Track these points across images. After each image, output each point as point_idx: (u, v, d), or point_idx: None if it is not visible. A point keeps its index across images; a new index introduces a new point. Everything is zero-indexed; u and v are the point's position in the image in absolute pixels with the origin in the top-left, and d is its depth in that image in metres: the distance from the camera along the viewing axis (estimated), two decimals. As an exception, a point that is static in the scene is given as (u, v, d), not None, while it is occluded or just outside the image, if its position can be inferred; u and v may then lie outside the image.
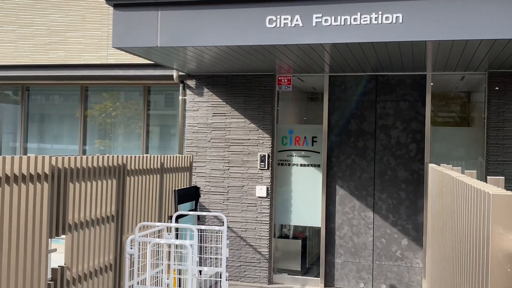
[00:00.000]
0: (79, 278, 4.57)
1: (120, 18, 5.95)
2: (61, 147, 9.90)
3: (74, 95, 9.95)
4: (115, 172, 5.23)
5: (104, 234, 5.03)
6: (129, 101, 9.74)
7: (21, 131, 9.86)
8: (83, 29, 8.47)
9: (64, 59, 8.55)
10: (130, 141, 9.61)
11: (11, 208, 3.85)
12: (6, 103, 10.32)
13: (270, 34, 5.49)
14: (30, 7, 8.68)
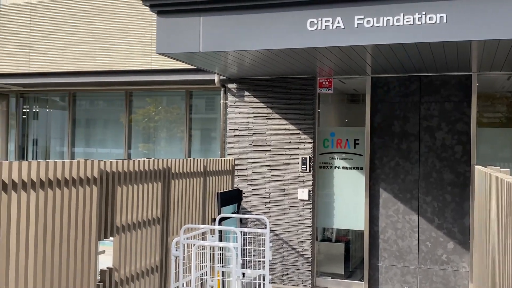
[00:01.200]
0: (126, 280, 4.68)
1: (163, 24, 6.07)
2: (105, 151, 10.15)
3: (118, 100, 10.19)
4: (160, 175, 5.33)
5: (151, 236, 5.13)
6: (171, 105, 9.91)
7: (68, 136, 10.16)
8: (127, 36, 8.67)
9: (109, 66, 8.77)
10: (172, 144, 9.78)
11: (62, 211, 3.98)
12: (54, 109, 10.66)
13: (312, 37, 5.49)
14: (77, 16, 8.95)
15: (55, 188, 3.92)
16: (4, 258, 3.52)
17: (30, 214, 3.72)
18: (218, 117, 9.58)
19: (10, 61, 9.32)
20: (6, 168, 3.54)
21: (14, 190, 3.61)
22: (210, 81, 8.43)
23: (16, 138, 10.49)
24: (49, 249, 3.86)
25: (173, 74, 8.50)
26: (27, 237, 3.70)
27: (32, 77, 9.29)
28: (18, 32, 9.27)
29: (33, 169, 3.75)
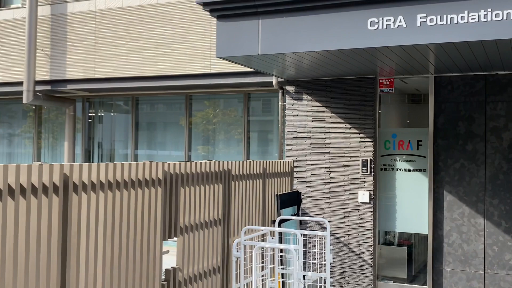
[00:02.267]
0: (190, 279, 4.77)
1: (223, 28, 6.15)
2: (165, 153, 10.39)
3: (178, 103, 10.41)
4: (221, 177, 5.40)
5: (212, 237, 5.21)
6: (228, 108, 10.02)
7: (131, 138, 10.47)
8: (187, 40, 8.85)
9: (170, 70, 8.98)
10: (230, 146, 9.88)
11: (129, 211, 4.11)
12: (118, 112, 11.01)
13: (372, 37, 5.41)
14: (139, 22, 9.21)
15: (122, 189, 4.05)
16: (75, 257, 3.68)
17: (99, 214, 3.86)
18: (274, 119, 9.60)
19: (77, 67, 9.71)
20: (77, 170, 3.70)
21: (84, 191, 3.76)
22: (268, 83, 8.46)
23: (82, 141, 10.91)
24: (117, 248, 3.99)
25: (231, 77, 8.59)
26: (96, 237, 3.84)
27: (97, 82, 9.64)
28: (84, 39, 9.64)
29: (101, 171, 3.89)
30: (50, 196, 3.49)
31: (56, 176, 3.54)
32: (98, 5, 9.56)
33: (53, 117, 11.41)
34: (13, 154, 11.78)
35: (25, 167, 3.35)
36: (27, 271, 3.32)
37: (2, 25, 10.31)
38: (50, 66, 9.92)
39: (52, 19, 9.92)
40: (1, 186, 3.16)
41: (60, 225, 3.55)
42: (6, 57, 10.24)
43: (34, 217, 3.38)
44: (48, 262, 3.46)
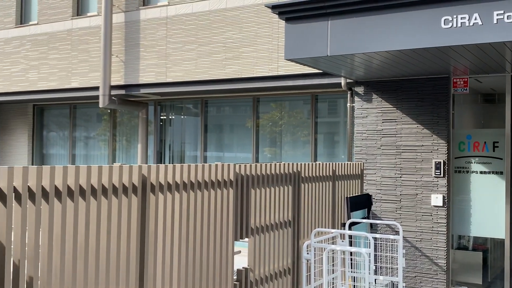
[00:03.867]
0: (261, 280, 4.82)
1: (291, 30, 6.17)
2: (231, 155, 10.54)
3: (245, 106, 10.54)
4: (290, 179, 5.42)
5: (282, 239, 5.24)
6: (294, 110, 10.03)
7: (201, 140, 10.70)
8: (255, 43, 8.94)
9: (238, 73, 9.10)
10: (296, 148, 9.88)
11: (202, 212, 4.21)
12: (188, 115, 11.28)
13: (446, 35, 5.26)
14: (208, 27, 9.41)
15: (196, 190, 4.15)
16: (153, 255, 3.81)
17: (174, 214, 3.98)
18: (341, 120, 9.51)
19: (149, 72, 10.03)
20: (154, 171, 3.83)
21: (161, 192, 3.89)
22: (336, 85, 8.40)
23: (154, 144, 11.26)
24: (191, 247, 4.10)
25: (299, 79, 8.60)
26: (172, 236, 3.96)
27: (168, 86, 9.92)
28: (156, 45, 9.96)
29: (177, 172, 4.01)
30: (129, 196, 3.64)
31: (135, 177, 3.68)
32: (169, 12, 9.84)
33: (126, 120, 11.85)
34: (89, 156, 12.33)
35: (106, 168, 3.51)
36: (108, 268, 3.47)
37: (79, 32, 10.83)
38: (124, 71, 10.31)
39: (125, 26, 10.31)
40: (84, 186, 3.33)
41: (138, 224, 3.69)
42: (84, 63, 10.74)
43: (114, 217, 3.53)
44: (127, 260, 3.61)
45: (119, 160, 11.82)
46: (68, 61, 10.91)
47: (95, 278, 3.38)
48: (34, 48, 11.37)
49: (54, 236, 3.16)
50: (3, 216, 2.90)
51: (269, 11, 8.48)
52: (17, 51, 11.62)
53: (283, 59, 8.47)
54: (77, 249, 3.27)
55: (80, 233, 3.31)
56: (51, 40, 11.16)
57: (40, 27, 11.35)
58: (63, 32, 11.03)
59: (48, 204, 3.12)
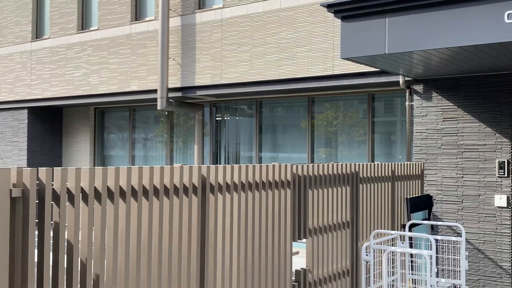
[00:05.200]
0: (319, 281, 4.79)
1: (347, 29, 6.10)
2: (285, 155, 10.53)
3: (298, 106, 10.50)
4: (348, 179, 5.36)
5: (341, 240, 5.19)
6: (349, 109, 9.91)
7: (255, 141, 10.75)
8: (310, 43, 8.89)
9: (293, 73, 9.08)
10: (352, 148, 9.76)
11: (260, 212, 4.23)
12: (242, 116, 11.36)
13: (510, 30, 5.05)
14: (263, 28, 9.44)
15: (254, 190, 4.17)
16: (212, 254, 3.85)
17: (233, 214, 4.02)
18: (398, 120, 9.31)
19: (205, 74, 10.18)
20: (213, 171, 3.88)
21: (220, 192, 3.93)
22: (393, 83, 8.24)
23: (210, 144, 11.41)
24: (250, 247, 4.12)
25: (355, 78, 8.49)
26: (231, 236, 3.99)
27: (223, 88, 10.03)
28: (211, 47, 10.08)
29: (235, 172, 4.04)
30: (190, 196, 3.70)
31: (195, 177, 3.74)
32: (224, 14, 9.94)
33: (182, 121, 12.06)
34: (148, 157, 12.63)
35: (168, 168, 3.58)
36: (170, 267, 3.54)
37: (138, 37, 11.11)
38: (181, 74, 10.50)
39: (182, 29, 10.50)
40: (147, 186, 3.41)
41: (199, 224, 3.75)
42: (142, 67, 11.01)
43: (176, 217, 3.60)
44: (188, 259, 3.67)
45: (176, 161, 12.04)
46: (128, 65, 11.22)
47: (158, 278, 3.46)
48: (95, 53, 11.76)
49: (119, 235, 3.25)
50: (71, 216, 3.01)
51: (324, 10, 8.41)
52: (79, 56, 12.06)
53: (339, 58, 8.40)
54: (140, 248, 3.35)
55: (143, 232, 3.39)
56: (111, 45, 11.51)
57: (101, 32, 11.73)
58: (122, 37, 11.36)
59: (113, 204, 3.21)
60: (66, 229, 2.99)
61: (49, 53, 12.62)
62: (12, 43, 13.44)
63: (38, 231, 2.88)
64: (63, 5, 12.45)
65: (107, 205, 3.21)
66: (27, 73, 13.01)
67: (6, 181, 2.71)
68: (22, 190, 2.77)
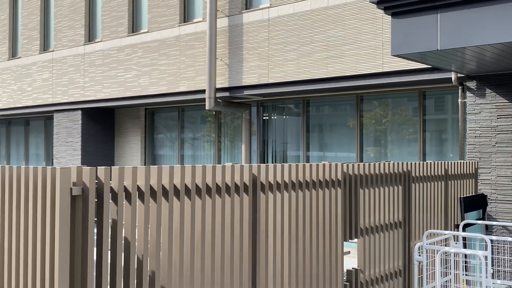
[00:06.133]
0: (371, 281, 4.74)
1: (398, 25, 6.00)
2: (332, 154, 10.44)
3: (346, 104, 10.40)
4: (400, 178, 5.27)
5: (393, 240, 5.11)
6: (398, 107, 9.73)
7: (302, 140, 10.72)
8: (358, 41, 8.79)
9: (341, 71, 9.00)
10: (402, 147, 9.58)
11: (311, 212, 4.22)
12: (289, 115, 11.35)
13: None
14: (310, 26, 9.40)
15: (304, 189, 4.17)
16: (264, 252, 3.87)
17: (284, 213, 4.03)
18: (449, 117, 9.08)
19: (252, 73, 10.23)
20: (264, 170, 3.90)
21: (270, 191, 3.95)
22: (445, 80, 8.04)
23: (257, 143, 11.46)
24: (301, 247, 4.12)
25: (406, 75, 8.33)
26: (282, 235, 4.00)
27: (270, 87, 10.05)
28: (258, 47, 10.12)
29: (285, 171, 4.05)
30: (241, 195, 3.73)
31: (246, 176, 3.77)
32: (271, 13, 9.96)
33: (229, 121, 12.16)
34: (196, 157, 12.81)
35: (219, 167, 3.63)
36: (222, 265, 3.58)
37: (186, 38, 11.28)
38: (228, 74, 10.59)
39: (229, 30, 10.59)
40: (200, 185, 3.46)
41: (250, 222, 3.78)
42: (190, 68, 11.17)
43: (228, 215, 3.64)
44: (240, 258, 3.70)
45: (224, 160, 12.16)
46: (177, 66, 11.41)
47: (211, 276, 3.50)
48: (145, 55, 12.02)
49: (173, 233, 3.32)
50: (128, 213, 3.09)
51: (372, 7, 8.30)
52: (130, 58, 12.35)
53: (389, 55, 8.27)
54: (194, 246, 3.41)
55: (197, 230, 3.44)
56: (161, 46, 11.73)
57: (150, 34, 11.98)
58: (171, 38, 11.56)
59: (167, 202, 3.28)
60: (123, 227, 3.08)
61: (101, 56, 12.98)
62: (66, 46, 13.90)
63: (96, 228, 2.97)
64: (114, 9, 12.78)
65: (162, 203, 3.28)
66: (81, 75, 13.43)
67: (67, 180, 2.81)
68: (82, 188, 2.86)
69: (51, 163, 15.41)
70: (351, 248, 5.66)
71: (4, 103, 15.64)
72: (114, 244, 3.02)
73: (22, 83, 15.13)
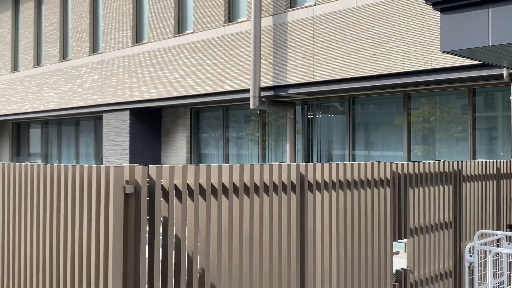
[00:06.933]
0: (421, 282, 4.66)
1: (447, 21, 5.87)
2: (377, 153, 10.29)
3: (392, 102, 10.23)
4: (451, 177, 5.16)
5: (443, 240, 5.01)
6: (447, 105, 9.50)
7: (348, 139, 10.62)
8: (405, 37, 8.64)
9: (387, 69, 8.87)
10: (450, 146, 9.35)
11: (359, 211, 4.18)
12: (334, 114, 11.27)
13: None
14: (355, 23, 9.30)
15: (352, 188, 4.14)
16: (312, 251, 3.87)
17: (332, 212, 4.01)
18: (499, 115, 8.81)
19: (297, 72, 10.20)
20: (311, 169, 3.89)
21: (318, 190, 3.94)
22: (496, 76, 7.81)
23: (302, 142, 11.43)
24: (349, 246, 4.09)
25: (455, 72, 8.13)
26: (330, 234, 3.99)
27: (315, 85, 10.00)
28: (303, 45, 10.09)
29: (333, 170, 4.03)
30: (288, 194, 3.74)
31: (293, 175, 3.77)
32: (316, 11, 9.92)
33: (273, 120, 12.17)
34: (241, 156, 12.89)
35: (267, 166, 3.64)
36: (270, 264, 3.60)
37: (231, 38, 11.37)
38: (273, 73, 10.61)
39: (273, 29, 10.60)
40: (248, 184, 3.49)
41: (298, 221, 3.78)
42: (235, 67, 11.25)
43: (275, 214, 3.65)
44: (288, 255, 3.71)
45: (268, 159, 12.18)
46: (222, 66, 11.51)
47: (259, 274, 3.52)
48: (191, 55, 12.18)
49: (222, 231, 3.35)
50: (178, 211, 3.15)
51: (420, 2, 8.14)
52: (176, 59, 12.54)
53: (437, 52, 8.08)
54: (242, 244, 3.44)
55: (245, 228, 3.47)
56: (206, 47, 11.86)
57: (196, 35, 12.13)
58: (216, 38, 11.67)
59: (216, 200, 3.32)
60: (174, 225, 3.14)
61: (148, 57, 13.24)
62: (114, 48, 14.24)
63: (149, 226, 3.04)
64: (161, 10, 13.01)
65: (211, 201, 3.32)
66: (129, 76, 13.74)
67: (120, 178, 2.89)
68: (134, 186, 2.94)
69: (100, 162, 15.82)
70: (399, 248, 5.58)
71: (56, 104, 16.17)
72: (166, 241, 3.08)
73: (72, 84, 15.60)
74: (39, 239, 3.43)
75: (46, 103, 16.53)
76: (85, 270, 3.04)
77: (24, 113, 17.59)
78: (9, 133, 20.46)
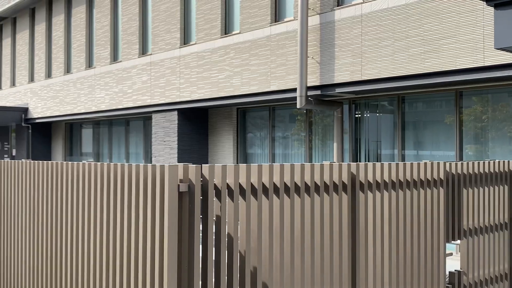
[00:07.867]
0: (475, 284, 4.55)
1: (501, 17, 5.70)
2: (426, 153, 10.07)
3: (442, 101, 9.99)
4: (506, 178, 5.01)
5: (498, 242, 4.87)
6: (499, 103, 9.21)
7: (398, 138, 10.45)
8: (456, 34, 8.43)
9: (438, 67, 8.67)
10: (503, 145, 9.06)
11: (412, 211, 4.12)
12: (383, 113, 11.11)
13: None
14: (405, 21, 9.14)
15: (404, 188, 4.08)
16: (364, 252, 3.84)
17: (384, 213, 3.96)
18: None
19: (344, 71, 10.12)
20: (362, 169, 3.86)
21: (370, 190, 3.90)
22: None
23: (349, 142, 11.32)
24: (401, 248, 4.04)
25: (509, 69, 7.87)
26: (382, 235, 3.94)
27: (363, 84, 9.88)
28: (350, 43, 10.00)
29: (385, 170, 3.98)
30: (339, 193, 3.72)
31: (344, 175, 3.75)
32: (364, 9, 9.80)
33: (319, 120, 12.11)
34: (287, 155, 12.88)
35: (318, 166, 3.64)
36: (322, 265, 3.59)
37: (277, 37, 11.38)
38: (320, 72, 10.55)
39: (320, 28, 10.55)
40: (299, 183, 3.49)
41: (349, 222, 3.76)
42: (281, 67, 11.26)
43: (326, 214, 3.64)
44: (340, 256, 3.69)
45: (315, 159, 12.12)
46: (267, 66, 11.55)
47: (311, 274, 3.52)
48: (237, 55, 12.27)
49: (273, 230, 3.37)
50: (231, 210, 3.19)
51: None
52: (223, 59, 12.67)
53: (490, 48, 7.85)
54: (294, 244, 3.45)
55: (296, 228, 3.48)
56: (252, 47, 11.92)
57: (242, 35, 12.21)
58: (262, 39, 11.71)
59: (268, 199, 3.34)
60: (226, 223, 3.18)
61: (195, 58, 13.42)
62: (163, 49, 14.51)
63: (202, 224, 3.09)
64: (208, 12, 13.16)
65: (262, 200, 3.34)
66: (177, 77, 13.97)
67: (174, 177, 2.95)
68: (188, 185, 2.99)
69: (149, 161, 16.16)
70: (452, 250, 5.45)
71: (107, 104, 16.61)
72: (218, 239, 3.13)
73: (123, 85, 15.99)
74: (95, 236, 3.54)
75: (98, 104, 17.01)
76: (141, 269, 3.12)
77: (77, 114, 18.17)
78: (62, 133, 21.17)
